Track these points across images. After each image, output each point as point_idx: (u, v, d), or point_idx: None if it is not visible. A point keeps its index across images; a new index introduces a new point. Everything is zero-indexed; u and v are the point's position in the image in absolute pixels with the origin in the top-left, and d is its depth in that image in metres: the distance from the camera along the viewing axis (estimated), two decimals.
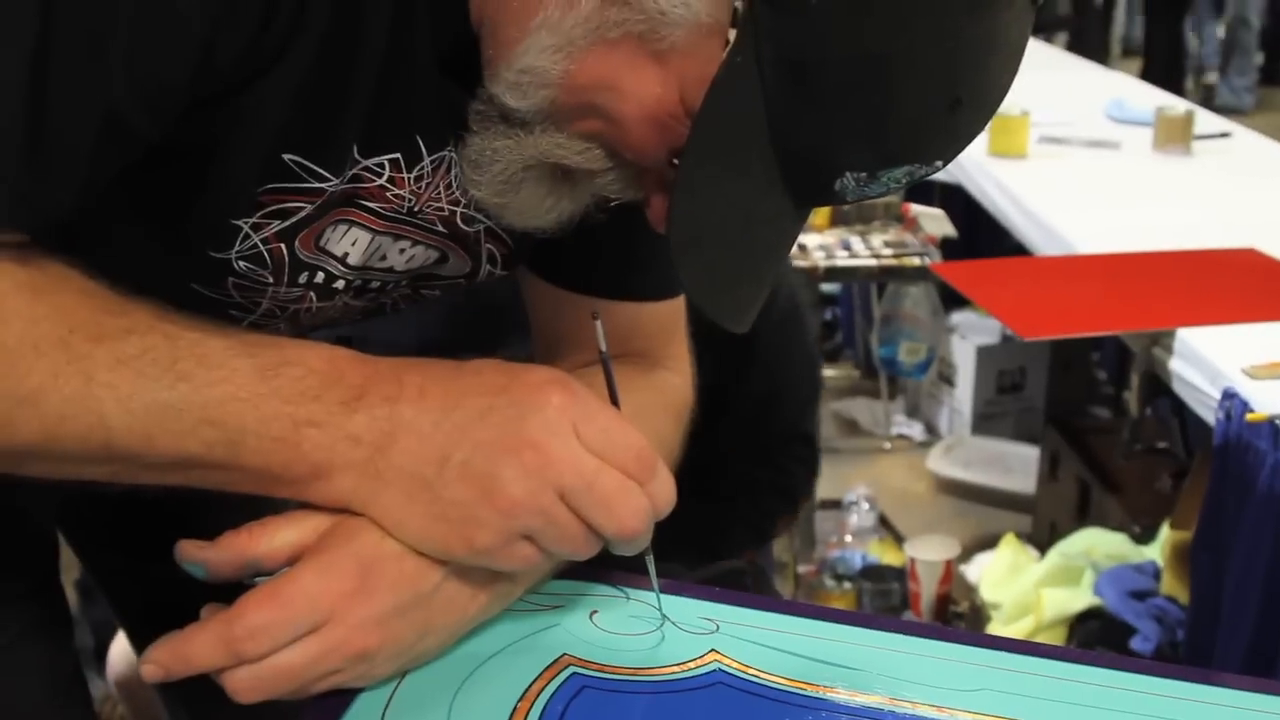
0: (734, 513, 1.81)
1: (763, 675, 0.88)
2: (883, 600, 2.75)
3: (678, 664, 0.89)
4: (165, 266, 0.90)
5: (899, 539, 3.07)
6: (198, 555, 0.81)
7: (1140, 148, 3.13)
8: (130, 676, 1.83)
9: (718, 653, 0.90)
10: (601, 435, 0.80)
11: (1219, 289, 2.07)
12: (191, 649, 0.77)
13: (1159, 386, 2.05)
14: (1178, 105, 3.21)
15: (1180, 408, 2.29)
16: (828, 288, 4.50)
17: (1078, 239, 2.43)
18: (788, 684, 0.87)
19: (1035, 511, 3.03)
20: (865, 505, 3.18)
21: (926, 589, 2.69)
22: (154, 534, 0.85)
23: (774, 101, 0.77)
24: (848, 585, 2.79)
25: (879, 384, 3.83)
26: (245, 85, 0.80)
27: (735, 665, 0.89)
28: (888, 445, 3.72)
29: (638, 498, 0.80)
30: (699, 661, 0.89)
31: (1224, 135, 3.23)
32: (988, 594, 2.58)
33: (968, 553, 2.81)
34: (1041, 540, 2.86)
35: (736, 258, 0.84)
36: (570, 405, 0.80)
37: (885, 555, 2.99)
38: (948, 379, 3.71)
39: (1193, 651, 1.83)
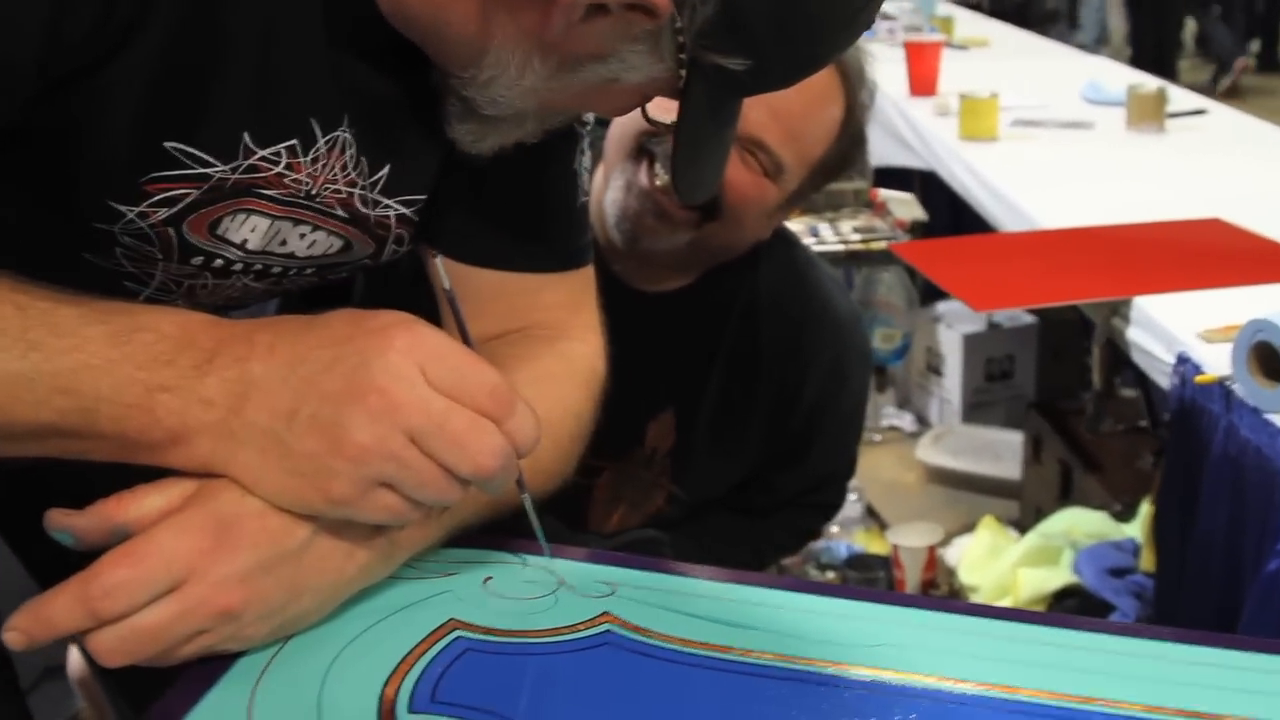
0: (779, 525, 1.84)
1: (654, 635, 0.87)
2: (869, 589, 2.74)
3: (567, 626, 0.87)
4: (55, 236, 0.90)
5: (886, 528, 3.04)
6: (65, 522, 0.79)
7: (1114, 127, 3.10)
8: (89, 679, 1.83)
9: (610, 615, 0.89)
10: (451, 374, 0.78)
11: (1181, 258, 2.05)
12: (51, 611, 0.76)
13: (1123, 358, 2.03)
14: (1149, 83, 3.18)
15: (1143, 379, 2.27)
16: None
17: (1047, 217, 2.41)
18: (680, 644, 0.86)
19: (1021, 496, 3.00)
20: (852, 496, 3.14)
21: (911, 576, 2.67)
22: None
23: (730, 86, 0.87)
24: (831, 575, 2.77)
25: None
26: (98, 65, 0.80)
27: (627, 627, 0.88)
28: (878, 437, 3.69)
29: (491, 435, 0.79)
30: (590, 623, 0.88)
31: (1199, 112, 3.21)
32: (966, 576, 2.56)
33: (950, 538, 2.79)
34: (1028, 524, 2.83)
35: (711, 157, 0.95)
36: (415, 347, 0.78)
37: (872, 545, 2.97)
38: (936, 369, 3.69)
39: (1161, 620, 1.81)
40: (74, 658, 1.96)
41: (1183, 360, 1.66)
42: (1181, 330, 1.75)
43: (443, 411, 0.77)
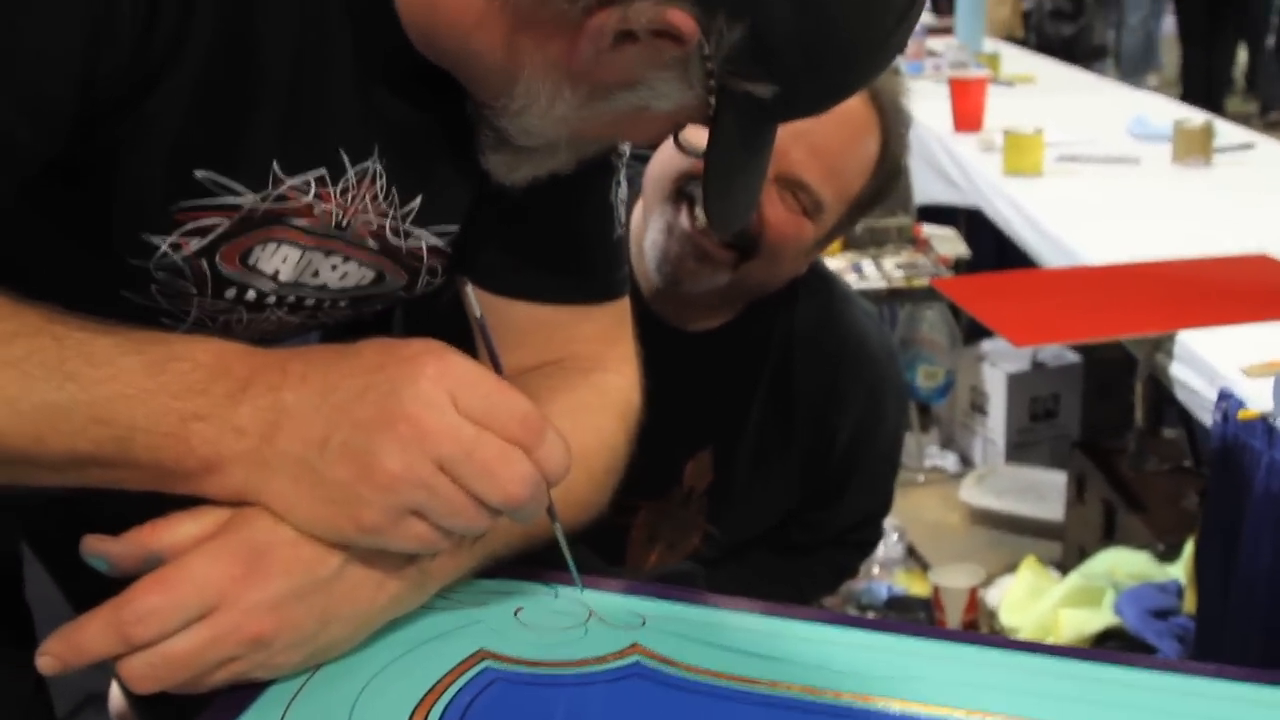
0: (819, 563, 1.83)
1: (684, 667, 0.86)
2: None
3: (596, 657, 0.87)
4: (93, 275, 0.91)
5: (927, 569, 3.02)
6: (100, 548, 0.80)
7: (1160, 162, 3.08)
8: (127, 711, 1.84)
9: (640, 646, 0.88)
10: (481, 402, 0.79)
11: (1226, 293, 2.03)
12: (83, 636, 0.76)
13: (1167, 396, 2.01)
14: (1195, 117, 3.16)
15: (1187, 418, 2.25)
16: None
17: (1091, 253, 2.39)
18: (709, 676, 0.86)
19: (1064, 536, 2.97)
20: (893, 536, 3.13)
21: (952, 617, 2.65)
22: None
23: (759, 114, 0.87)
24: (872, 616, 2.75)
25: (912, 416, 3.79)
26: (135, 97, 0.81)
27: (657, 658, 0.87)
28: (921, 478, 3.67)
29: (521, 463, 0.79)
30: (619, 654, 0.88)
31: (1246, 146, 3.19)
32: (1007, 618, 2.54)
33: (993, 579, 2.76)
34: (1071, 565, 2.80)
35: (746, 186, 0.95)
36: (445, 375, 0.79)
37: (913, 586, 2.94)
38: (980, 408, 3.66)
39: (1202, 659, 1.78)
40: (115, 690, 1.98)
41: (1225, 396, 1.65)
42: (1225, 365, 1.74)
43: (472, 439, 0.78)
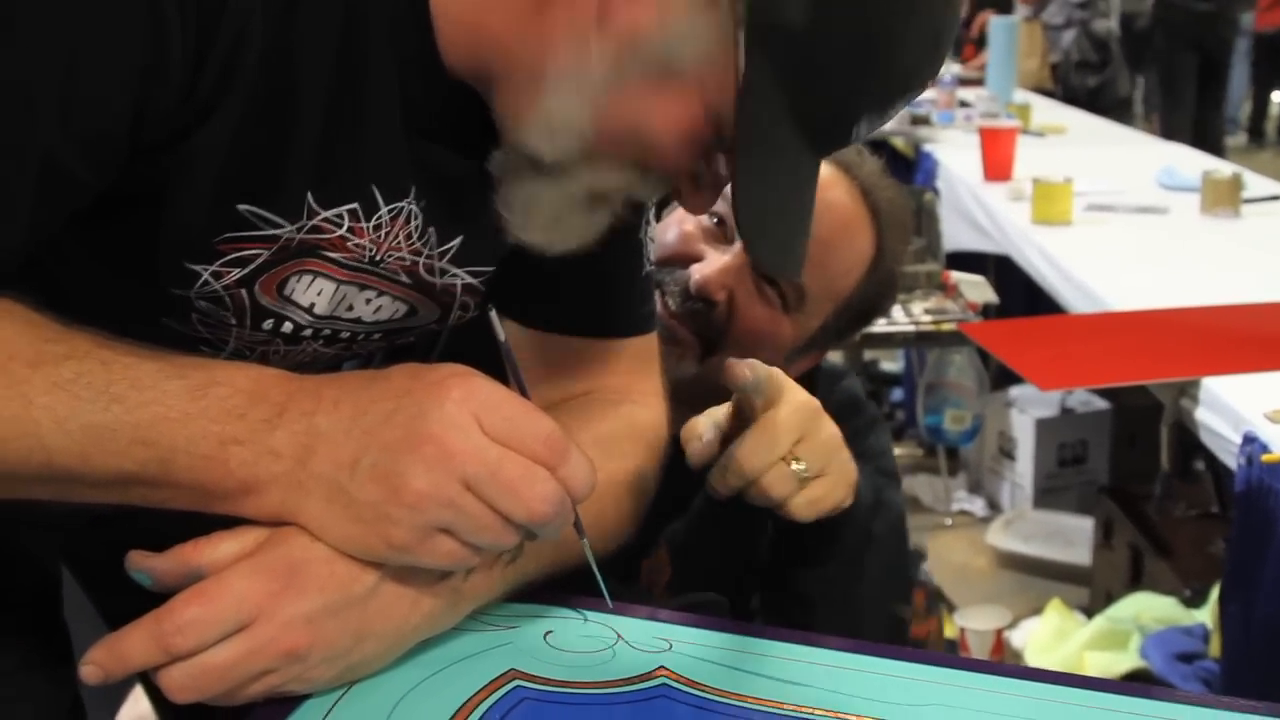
0: None
1: (709, 690, 0.88)
2: None
3: (623, 679, 0.89)
4: (136, 303, 0.94)
5: (954, 611, 3.02)
6: (144, 564, 0.83)
7: (1188, 212, 3.10)
8: None
9: (666, 669, 0.91)
10: (505, 424, 0.81)
11: (1251, 340, 2.05)
12: (125, 646, 0.79)
13: (1192, 440, 2.03)
14: (1224, 168, 3.19)
15: (1214, 464, 2.26)
16: (890, 367, 4.50)
17: (1119, 302, 2.41)
18: (734, 699, 0.88)
19: (1091, 581, 2.98)
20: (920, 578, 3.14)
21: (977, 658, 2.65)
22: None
23: (792, 94, 0.86)
24: None
25: (940, 460, 3.81)
26: (182, 136, 0.85)
27: (683, 681, 0.89)
28: (949, 521, 3.69)
29: (544, 482, 0.81)
30: (646, 676, 0.90)
31: (1276, 198, 3.20)
32: (1032, 659, 2.54)
33: (1018, 621, 2.77)
34: (1097, 610, 2.81)
35: (791, 222, 0.92)
36: (469, 398, 0.81)
37: None
38: (1008, 453, 3.67)
39: None
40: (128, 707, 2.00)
41: (1249, 440, 1.66)
42: (1249, 410, 1.75)
43: (497, 459, 0.80)
